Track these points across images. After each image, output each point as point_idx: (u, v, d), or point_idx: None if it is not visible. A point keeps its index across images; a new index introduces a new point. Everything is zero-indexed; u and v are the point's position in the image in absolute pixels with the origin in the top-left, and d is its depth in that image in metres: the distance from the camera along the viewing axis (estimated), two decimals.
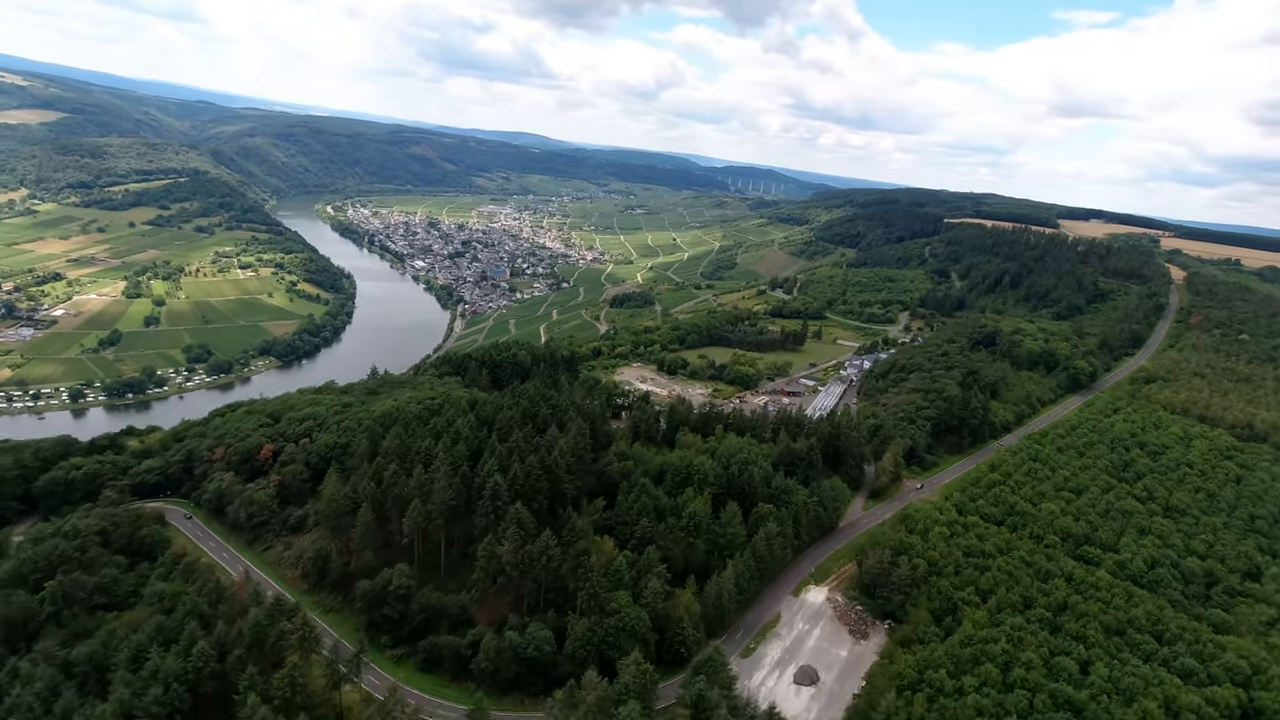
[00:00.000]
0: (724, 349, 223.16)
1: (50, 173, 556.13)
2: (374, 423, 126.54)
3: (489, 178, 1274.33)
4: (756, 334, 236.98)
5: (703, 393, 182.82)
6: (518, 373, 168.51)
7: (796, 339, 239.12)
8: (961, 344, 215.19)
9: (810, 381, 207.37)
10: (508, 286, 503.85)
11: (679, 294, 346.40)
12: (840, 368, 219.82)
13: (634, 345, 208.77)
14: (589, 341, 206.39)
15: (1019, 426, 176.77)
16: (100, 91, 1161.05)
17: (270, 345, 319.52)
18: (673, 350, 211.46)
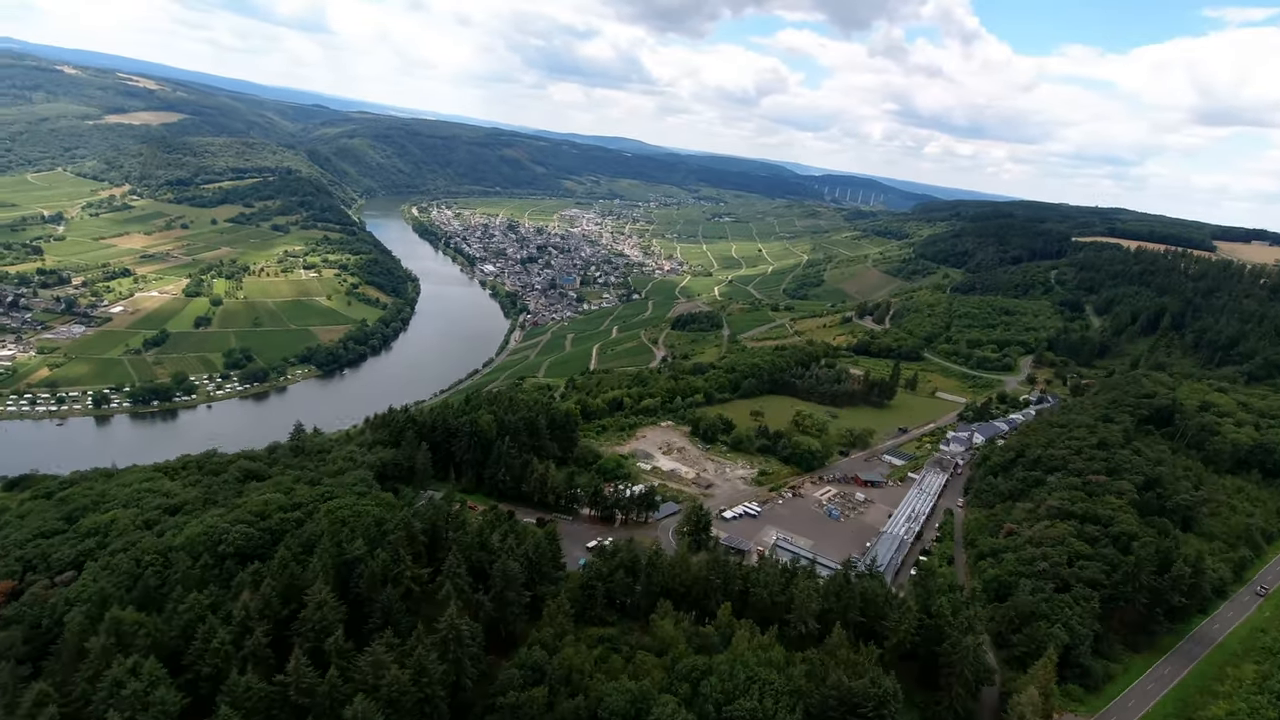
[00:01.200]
0: (788, 400, 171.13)
1: (153, 170, 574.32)
2: (155, 559, 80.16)
3: (578, 181, 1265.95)
4: (833, 380, 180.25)
5: (744, 476, 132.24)
6: (476, 447, 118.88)
7: (884, 390, 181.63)
8: (1124, 424, 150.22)
9: (897, 461, 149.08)
10: (575, 296, 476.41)
11: (751, 316, 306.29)
12: (940, 441, 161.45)
13: (668, 396, 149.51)
14: (618, 387, 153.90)
15: (1238, 585, 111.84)
16: (225, 95, 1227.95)
17: (312, 353, 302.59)
18: (721, 400, 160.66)
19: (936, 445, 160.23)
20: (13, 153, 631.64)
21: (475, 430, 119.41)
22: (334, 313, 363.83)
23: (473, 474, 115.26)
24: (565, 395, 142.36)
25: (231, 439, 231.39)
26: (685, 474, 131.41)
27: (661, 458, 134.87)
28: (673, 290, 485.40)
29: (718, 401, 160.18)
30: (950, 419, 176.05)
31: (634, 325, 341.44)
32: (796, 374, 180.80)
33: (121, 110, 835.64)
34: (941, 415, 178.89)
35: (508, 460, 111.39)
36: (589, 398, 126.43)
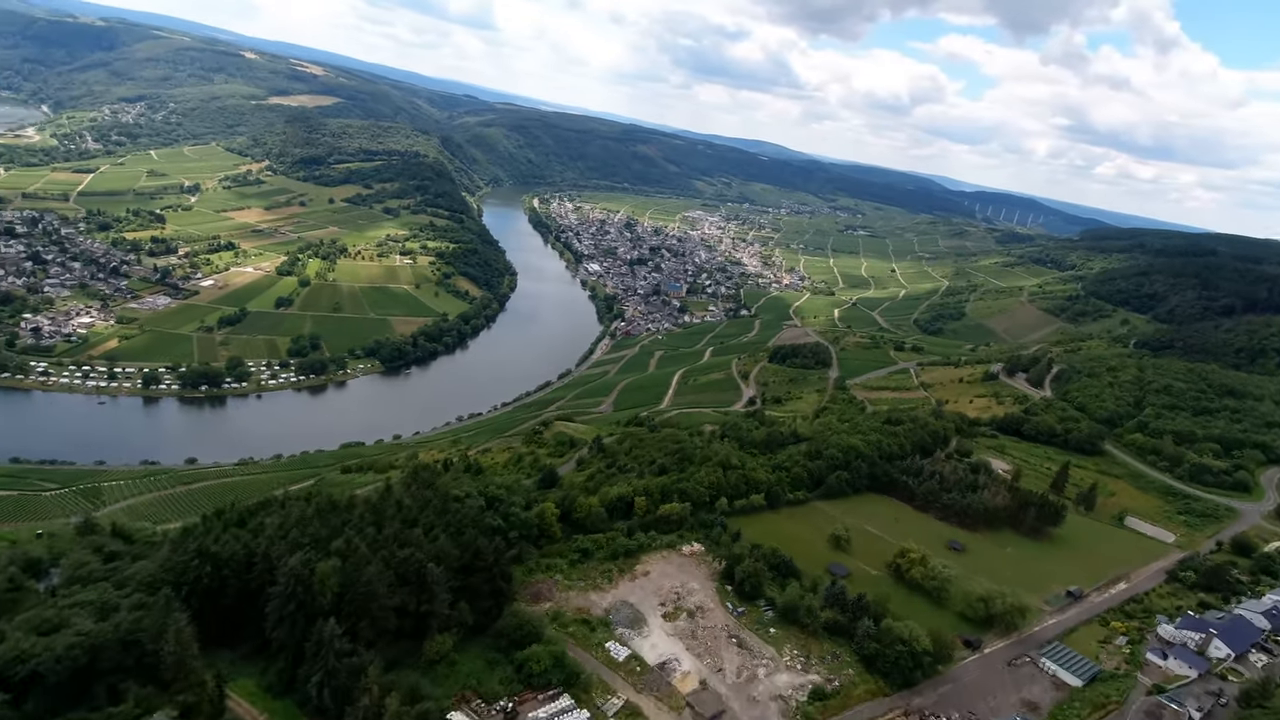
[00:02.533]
0: (894, 507, 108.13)
1: (290, 148, 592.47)
2: None
3: (709, 182, 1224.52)
4: (964, 484, 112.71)
5: (787, 693, 72.99)
6: (295, 621, 64.30)
7: (1044, 513, 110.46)
8: None
9: (1068, 676, 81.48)
10: (678, 306, 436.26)
11: (869, 355, 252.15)
12: (1145, 642, 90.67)
13: (710, 495, 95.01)
14: (647, 465, 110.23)
15: None
16: (386, 83, 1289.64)
17: (379, 346, 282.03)
18: (792, 503, 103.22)
19: (1138, 643, 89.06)
20: (182, 127, 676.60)
21: (299, 589, 63.62)
22: (418, 303, 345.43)
23: (289, 663, 62.91)
24: (545, 491, 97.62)
25: (262, 440, 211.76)
26: (683, 675, 72.49)
27: (657, 630, 77.57)
28: (786, 309, 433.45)
29: (786, 505, 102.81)
30: (1154, 574, 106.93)
31: (730, 349, 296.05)
32: (912, 467, 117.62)
33: (285, 93, 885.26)
34: (1138, 566, 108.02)
35: (329, 661, 58.55)
36: (584, 496, 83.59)
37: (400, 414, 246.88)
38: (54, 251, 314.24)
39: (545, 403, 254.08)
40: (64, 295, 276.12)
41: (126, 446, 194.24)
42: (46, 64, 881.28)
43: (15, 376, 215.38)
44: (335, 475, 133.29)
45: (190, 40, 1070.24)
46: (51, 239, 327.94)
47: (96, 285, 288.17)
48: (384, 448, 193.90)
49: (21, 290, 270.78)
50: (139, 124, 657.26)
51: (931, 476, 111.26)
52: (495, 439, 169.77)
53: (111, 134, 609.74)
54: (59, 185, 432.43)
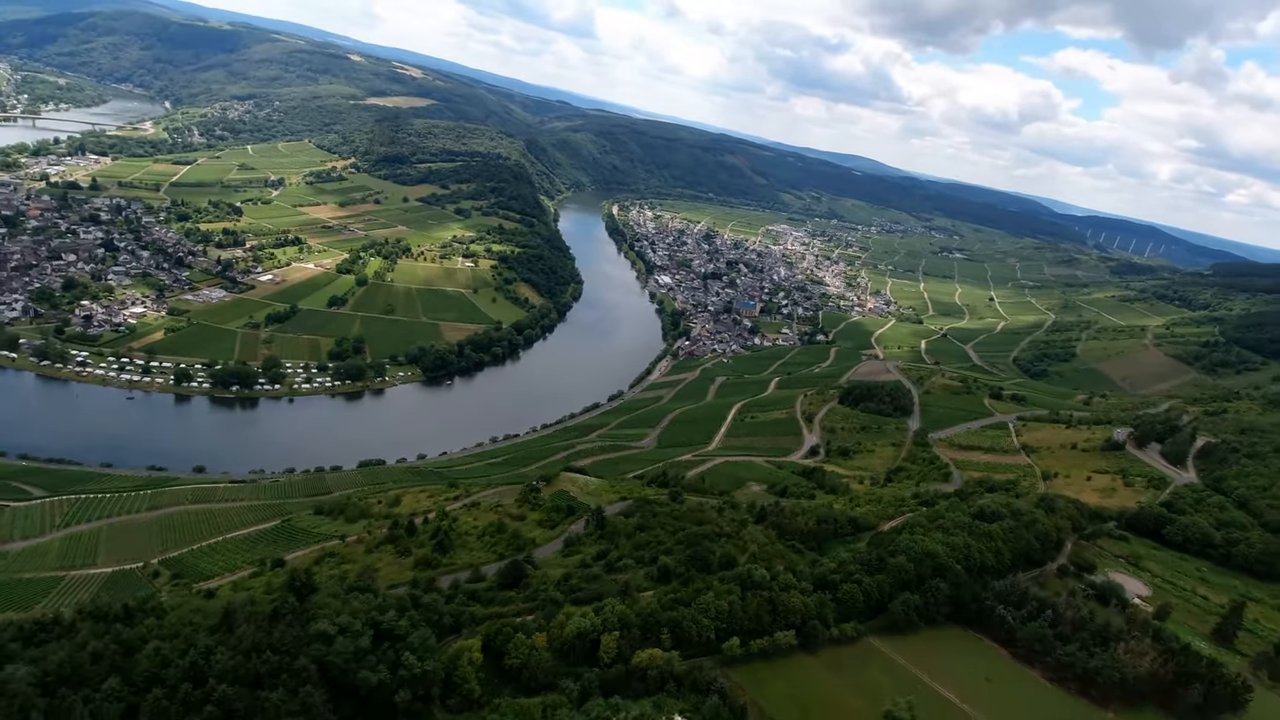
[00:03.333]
0: (982, 653, 74.40)
1: (376, 146, 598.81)
2: None
3: (797, 195, 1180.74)
4: (1088, 631, 74.96)
5: None
6: None
7: (1217, 695, 69.04)
8: None
9: None
10: (749, 326, 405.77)
11: (958, 402, 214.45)
12: None
13: (720, 625, 64.15)
14: (632, 572, 66.01)
15: None
16: (481, 87, 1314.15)
17: (422, 353, 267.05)
18: (836, 642, 69.67)
19: None
20: (282, 124, 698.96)
21: None
22: (473, 308, 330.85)
23: None
24: (500, 594, 76.43)
25: (282, 450, 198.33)
26: None
27: None
28: (866, 337, 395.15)
29: (828, 645, 69.58)
30: None
31: (798, 382, 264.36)
32: (1012, 591, 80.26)
33: (382, 94, 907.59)
34: None
35: None
36: (523, 641, 57.87)
37: (431, 429, 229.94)
38: (128, 239, 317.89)
39: (587, 429, 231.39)
40: (125, 284, 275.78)
41: (140, 448, 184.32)
42: (175, 64, 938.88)
43: (54, 365, 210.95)
44: (307, 517, 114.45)
45: (304, 43, 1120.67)
46: (130, 227, 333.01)
47: (158, 275, 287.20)
48: (397, 472, 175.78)
49: (86, 277, 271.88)
50: (243, 120, 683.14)
51: (1040, 612, 79.43)
52: (503, 481, 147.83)
53: (216, 129, 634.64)
54: (156, 176, 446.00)
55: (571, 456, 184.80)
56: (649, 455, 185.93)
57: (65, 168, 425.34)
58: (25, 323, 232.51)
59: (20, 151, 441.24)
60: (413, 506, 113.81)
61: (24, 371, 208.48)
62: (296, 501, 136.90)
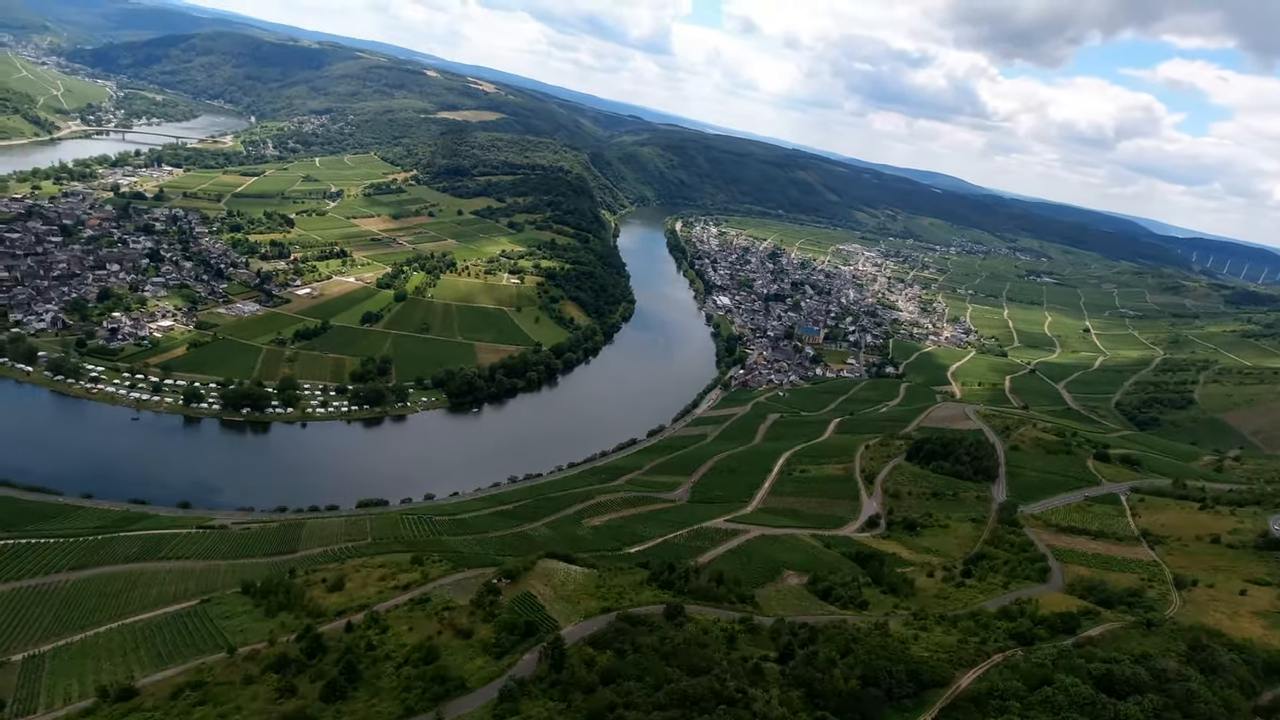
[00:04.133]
0: None
1: (438, 159, 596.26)
2: None
3: (871, 213, 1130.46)
4: None
5: None
6: None
7: None
8: None
9: None
10: (811, 355, 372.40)
11: (1053, 463, 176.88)
12: None
13: None
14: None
15: None
16: (553, 101, 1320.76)
17: (449, 377, 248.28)
18: None
19: None
20: (353, 137, 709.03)
21: None
22: (513, 328, 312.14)
23: None
24: None
25: (280, 485, 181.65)
26: None
27: None
28: (942, 371, 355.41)
29: None
30: None
31: (861, 426, 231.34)
32: None
33: (453, 108, 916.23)
34: None
35: None
36: None
37: (447, 463, 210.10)
38: (175, 250, 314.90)
39: (616, 471, 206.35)
40: (161, 295, 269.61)
41: (130, 476, 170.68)
42: (262, 81, 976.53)
43: (67, 381, 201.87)
44: (229, 600, 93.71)
45: (385, 60, 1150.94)
46: (180, 237, 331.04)
47: (195, 287, 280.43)
48: (391, 518, 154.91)
49: (124, 287, 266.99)
50: (315, 134, 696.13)
51: None
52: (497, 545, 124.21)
53: (289, 142, 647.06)
54: (222, 187, 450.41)
55: (587, 511, 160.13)
56: (675, 513, 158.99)
57: (138, 178, 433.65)
58: (51, 334, 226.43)
59: (101, 163, 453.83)
60: (356, 593, 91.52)
61: (37, 387, 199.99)
62: (251, 564, 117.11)
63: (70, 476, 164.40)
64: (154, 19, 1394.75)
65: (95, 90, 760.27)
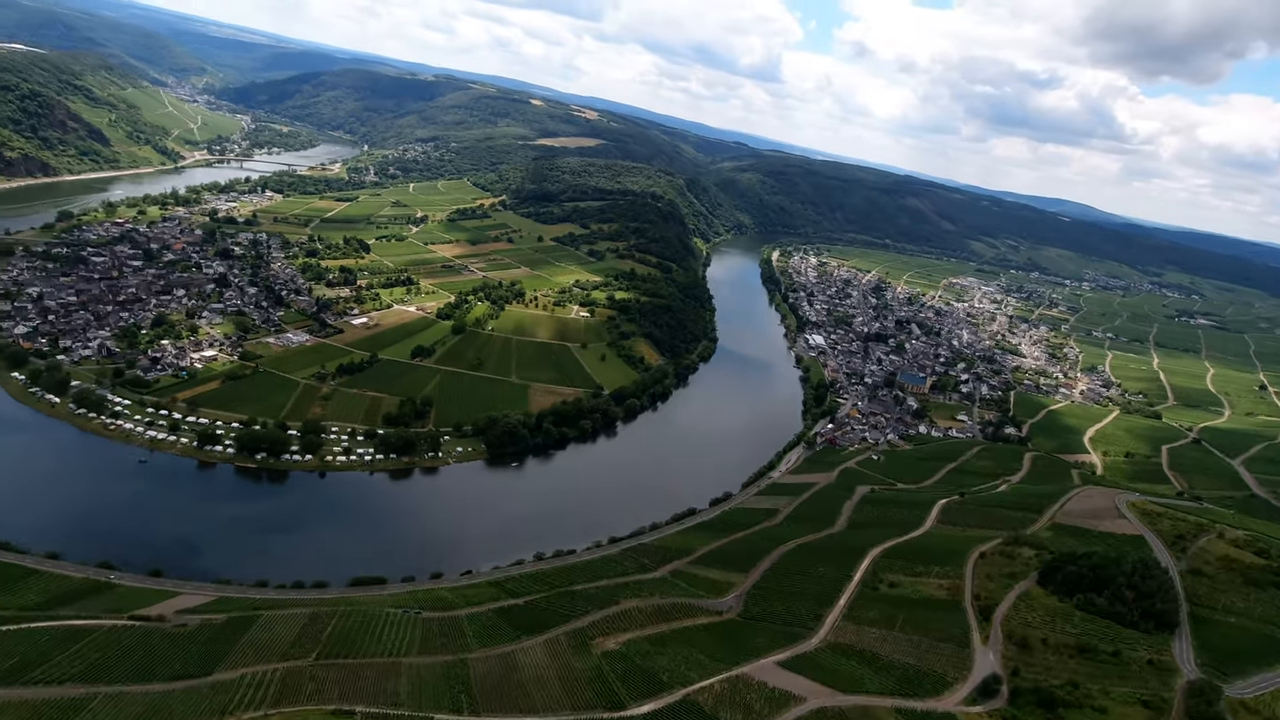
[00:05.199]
0: None
1: (526, 184, 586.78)
2: None
3: (989, 243, 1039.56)
4: None
5: None
6: None
7: None
8: None
9: None
10: (915, 408, 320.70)
11: (1263, 607, 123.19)
12: None
13: None
14: None
15: None
16: (654, 129, 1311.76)
17: (491, 424, 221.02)
18: None
19: None
20: (452, 164, 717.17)
21: None
22: (575, 367, 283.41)
23: None
24: None
25: (274, 551, 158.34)
26: None
27: None
28: (1077, 435, 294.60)
29: None
30: None
31: (974, 515, 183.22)
32: None
33: (553, 134, 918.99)
34: None
35: None
36: None
37: (468, 531, 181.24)
38: (246, 275, 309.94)
39: (660, 553, 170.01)
40: (216, 322, 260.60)
41: (108, 532, 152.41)
42: (379, 112, 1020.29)
43: (88, 415, 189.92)
44: None
45: (493, 90, 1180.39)
46: (255, 261, 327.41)
47: (252, 314, 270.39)
48: (381, 604, 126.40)
49: (181, 314, 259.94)
50: (416, 160, 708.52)
51: None
52: None
53: (390, 168, 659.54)
54: (314, 211, 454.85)
55: (607, 623, 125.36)
56: (717, 639, 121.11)
57: (238, 204, 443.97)
58: (94, 363, 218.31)
59: (210, 189, 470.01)
60: None
61: (59, 420, 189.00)
62: (138, 693, 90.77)
63: (47, 529, 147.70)
64: (299, 60, 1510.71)
65: (229, 123, 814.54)
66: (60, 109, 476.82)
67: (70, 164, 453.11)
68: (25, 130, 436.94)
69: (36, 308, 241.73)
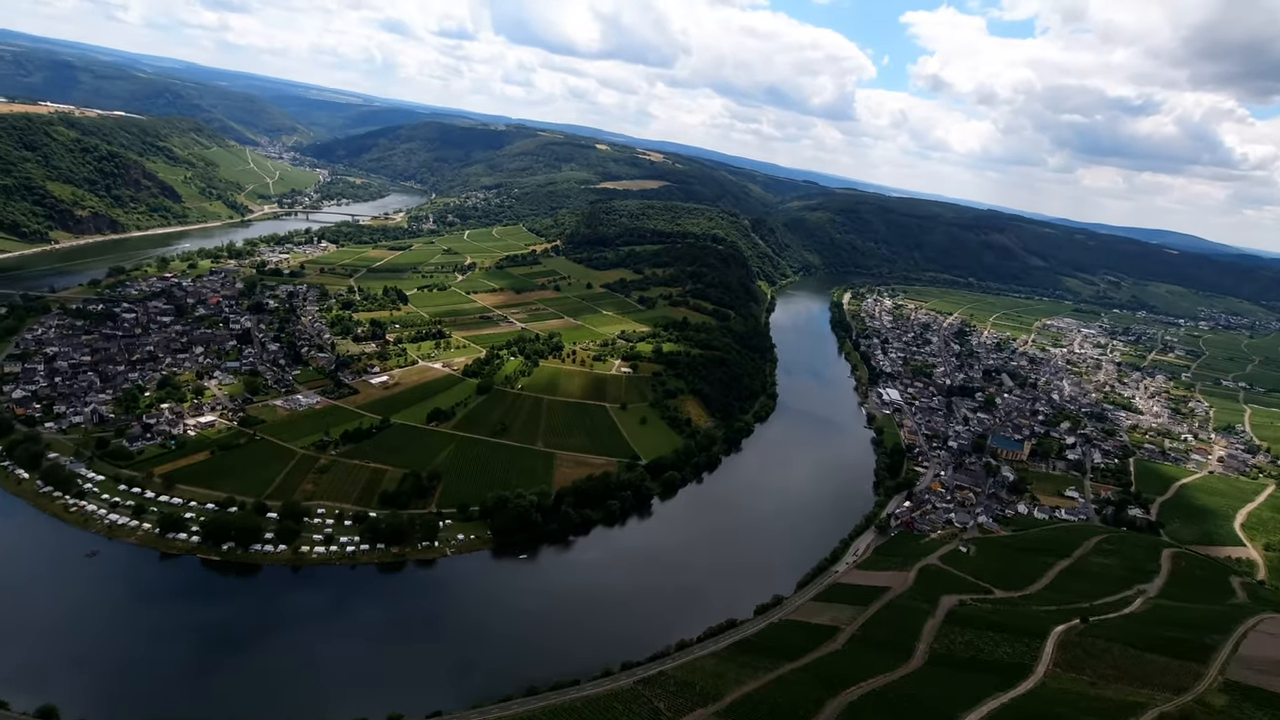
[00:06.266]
0: None
1: (583, 228, 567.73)
2: None
3: (1086, 280, 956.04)
4: None
5: None
6: None
7: None
8: None
9: None
10: (1011, 479, 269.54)
11: None
12: None
13: None
14: None
15: None
16: (721, 170, 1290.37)
17: (499, 506, 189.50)
18: None
19: None
20: (512, 209, 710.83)
21: None
22: (610, 432, 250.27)
23: None
24: None
25: (221, 680, 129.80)
26: None
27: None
28: (1223, 520, 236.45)
29: None
30: None
31: (1108, 655, 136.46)
32: None
33: (616, 178, 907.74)
34: None
35: None
36: None
37: (456, 650, 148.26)
38: (273, 329, 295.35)
39: (683, 690, 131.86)
40: (227, 382, 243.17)
41: (8, 664, 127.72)
42: (448, 162, 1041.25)
43: (53, 494, 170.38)
44: None
45: (560, 137, 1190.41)
46: (285, 314, 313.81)
47: (265, 374, 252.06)
48: None
49: (191, 374, 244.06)
50: (476, 207, 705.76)
51: None
52: None
53: (449, 216, 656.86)
54: (362, 260, 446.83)
55: None
56: None
57: (290, 255, 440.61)
58: (81, 431, 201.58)
59: (267, 241, 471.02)
60: None
61: (20, 499, 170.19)
62: None
63: None
64: (383, 117, 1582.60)
65: (306, 177, 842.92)
66: (136, 168, 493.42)
67: (140, 220, 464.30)
68: (100, 189, 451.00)
69: (46, 369, 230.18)
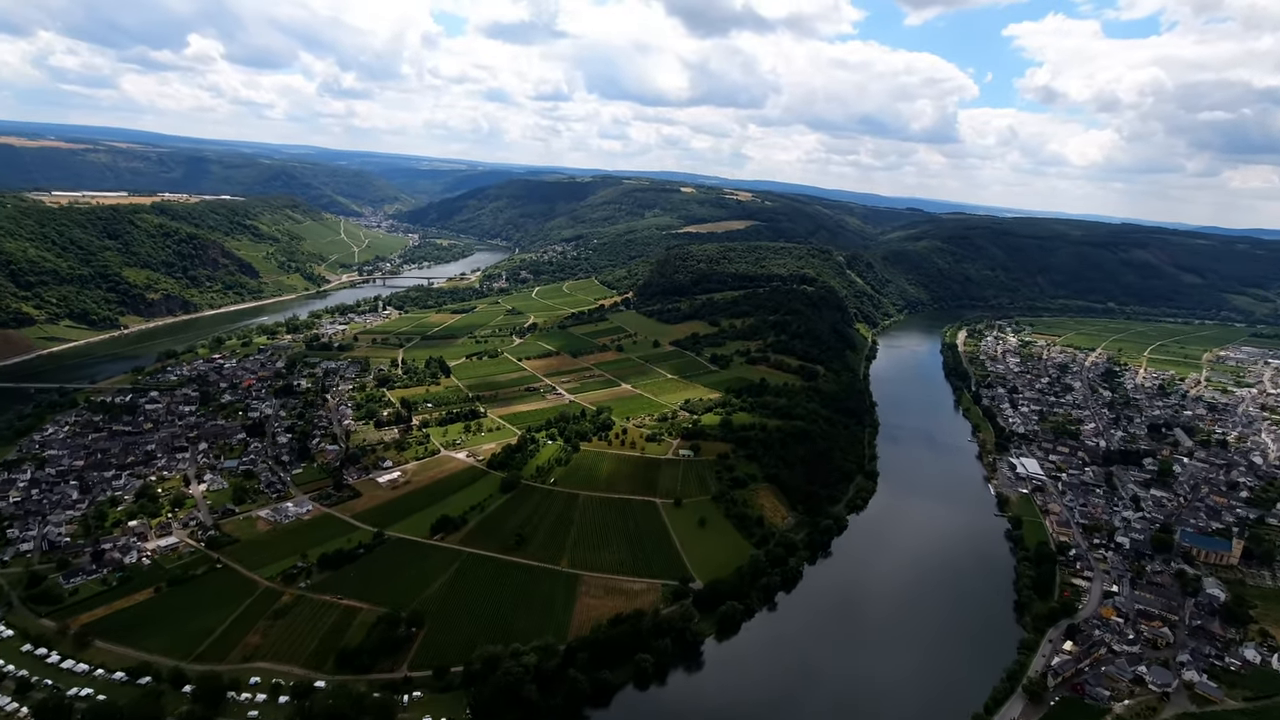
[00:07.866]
0: None
1: (657, 277, 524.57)
2: None
3: (1259, 296, 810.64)
4: None
5: None
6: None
7: None
8: None
9: None
10: (1223, 597, 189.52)
11: None
12: None
13: None
14: None
15: None
16: (815, 203, 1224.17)
17: (484, 670, 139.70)
18: None
19: None
20: (589, 261, 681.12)
21: None
22: (659, 539, 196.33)
23: None
24: None
25: None
26: None
27: None
28: None
29: None
30: None
31: None
32: None
33: (700, 220, 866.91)
34: None
35: None
36: None
37: None
38: (292, 416, 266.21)
39: None
40: (216, 486, 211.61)
41: None
42: (532, 217, 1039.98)
43: None
44: None
45: (646, 183, 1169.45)
46: (314, 395, 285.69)
47: (260, 475, 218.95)
48: None
49: (178, 479, 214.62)
50: (551, 261, 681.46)
51: None
52: None
53: (522, 273, 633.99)
54: (422, 327, 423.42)
55: None
56: None
57: (348, 325, 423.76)
58: (23, 563, 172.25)
59: (333, 312, 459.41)
60: None
61: None
62: None
63: None
64: (482, 179, 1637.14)
65: (395, 242, 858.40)
66: (215, 248, 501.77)
67: (213, 299, 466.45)
68: (176, 271, 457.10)
69: (31, 477, 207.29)
